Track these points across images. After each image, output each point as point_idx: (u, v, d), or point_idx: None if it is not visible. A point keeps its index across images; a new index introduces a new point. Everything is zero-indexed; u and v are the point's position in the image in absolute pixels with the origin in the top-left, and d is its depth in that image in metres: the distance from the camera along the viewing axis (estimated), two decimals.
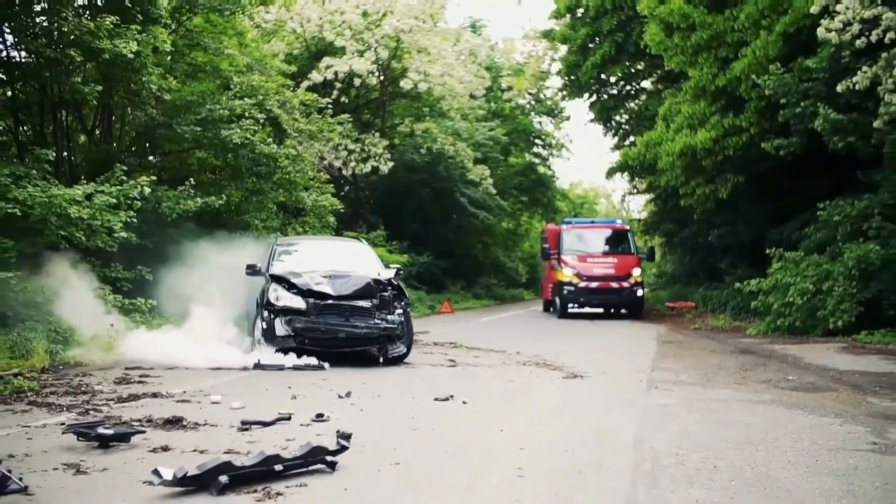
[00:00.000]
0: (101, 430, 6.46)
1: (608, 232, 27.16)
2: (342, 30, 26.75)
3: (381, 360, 12.21)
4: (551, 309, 27.81)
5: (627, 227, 27.46)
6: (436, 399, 8.97)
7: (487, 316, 27.44)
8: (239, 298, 14.04)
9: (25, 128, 16.09)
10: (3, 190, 11.56)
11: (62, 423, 7.20)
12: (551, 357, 13.36)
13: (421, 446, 6.77)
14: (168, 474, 5.17)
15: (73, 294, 12.58)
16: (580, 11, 30.87)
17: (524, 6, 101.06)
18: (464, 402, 8.85)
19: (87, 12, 13.17)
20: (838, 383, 10.94)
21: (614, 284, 24.68)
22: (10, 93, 15.67)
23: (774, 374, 11.80)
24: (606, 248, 26.20)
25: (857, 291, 16.67)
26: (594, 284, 24.57)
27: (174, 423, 7.34)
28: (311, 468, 5.71)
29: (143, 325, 13.36)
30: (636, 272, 25.17)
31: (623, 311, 25.70)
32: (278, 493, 5.20)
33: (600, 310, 26.51)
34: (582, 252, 25.53)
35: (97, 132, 17.03)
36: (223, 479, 5.20)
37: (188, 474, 5.17)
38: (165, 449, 6.34)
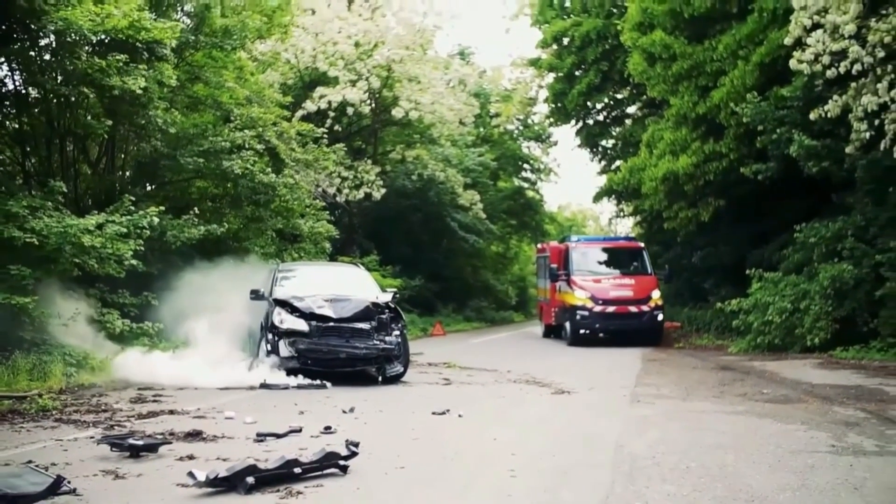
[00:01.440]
0: (132, 441, 7.14)
1: (621, 250, 24.56)
2: (335, 60, 27.48)
3: (380, 378, 12.91)
4: (558, 335, 25.24)
5: (641, 245, 24.53)
6: (433, 413, 9.67)
7: (478, 338, 28.01)
8: (242, 322, 14.69)
9: (33, 159, 16.73)
10: (22, 221, 12.23)
11: (91, 437, 7.89)
12: (541, 375, 14.05)
13: (422, 453, 7.47)
14: (201, 476, 5.86)
15: (85, 319, 13.31)
16: (566, 40, 31.79)
17: (512, 34, 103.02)
18: (459, 416, 9.55)
19: (99, 50, 13.80)
20: (809, 395, 11.66)
21: (633, 308, 21.94)
22: (17, 125, 16.33)
23: (751, 388, 12.51)
24: (621, 267, 23.59)
25: (833, 310, 17.41)
26: (611, 309, 21.88)
27: (195, 435, 8.00)
28: (325, 471, 6.40)
29: (151, 348, 13.97)
30: (656, 294, 22.35)
31: (642, 337, 22.12)
32: (299, 493, 5.89)
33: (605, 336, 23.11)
34: (595, 272, 23.04)
35: (101, 163, 17.68)
36: (250, 479, 5.89)
37: (219, 476, 5.87)
38: (191, 457, 7.01)
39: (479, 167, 37.21)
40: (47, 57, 14.57)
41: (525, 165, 46.25)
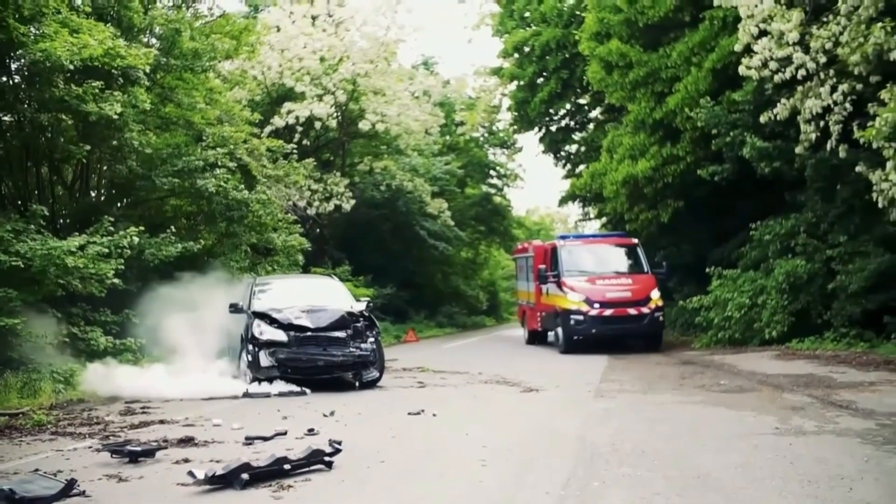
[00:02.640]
0: (130, 448, 7.69)
1: (615, 247, 22.56)
2: (301, 75, 28.03)
3: (357, 384, 13.51)
4: (543, 341, 24.04)
5: (635, 241, 22.35)
6: (409, 413, 10.29)
7: (451, 343, 28.59)
8: (220, 335, 15.20)
9: (9, 183, 17.10)
10: (6, 244, 12.69)
11: (90, 447, 8.44)
12: (510, 376, 14.70)
13: (400, 449, 8.08)
14: (200, 475, 6.45)
15: (69, 337, 13.79)
16: (527, 49, 32.55)
17: (474, 43, 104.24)
18: (434, 415, 10.18)
19: (75, 77, 14.24)
20: (762, 385, 12.41)
21: (632, 311, 19.90)
22: None
23: (709, 381, 13.24)
24: (616, 266, 21.64)
25: (788, 303, 18.20)
26: (608, 312, 19.80)
27: (187, 441, 8.56)
28: (312, 467, 6.99)
29: (134, 364, 14.45)
30: (655, 294, 20.37)
31: (642, 342, 20.73)
32: (289, 486, 6.48)
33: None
34: (587, 272, 21.02)
35: (76, 185, 18.09)
36: (244, 476, 6.48)
37: (216, 474, 6.46)
38: (186, 461, 7.57)
39: (446, 175, 37.84)
40: (23, 85, 14.94)
41: (492, 172, 46.92)
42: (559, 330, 20.94)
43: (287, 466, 6.81)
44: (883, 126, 12.91)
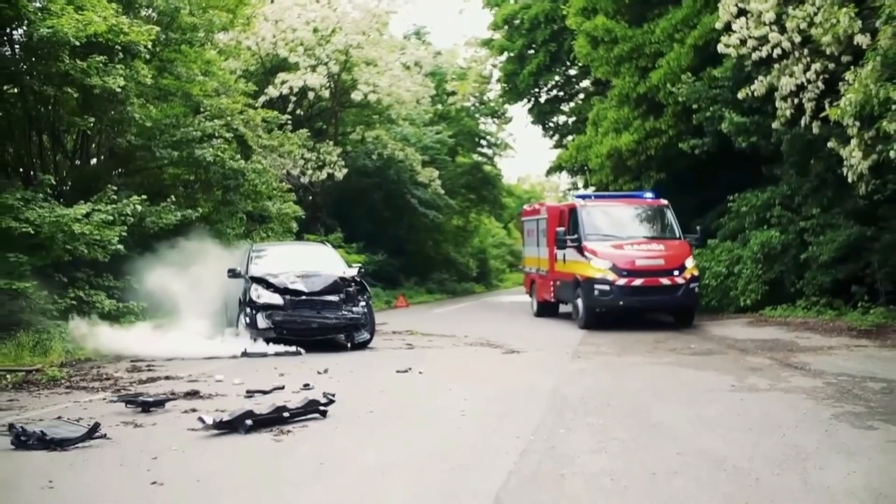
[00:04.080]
0: (143, 398, 8.46)
1: (642, 209, 20.03)
2: (295, 46, 28.60)
3: (349, 345, 14.34)
4: (555, 313, 22.23)
5: (665, 202, 19.88)
6: (397, 371, 11.10)
7: (440, 308, 29.37)
8: (218, 298, 15.98)
9: (10, 150, 17.68)
10: (16, 212, 13.39)
11: (104, 399, 9.21)
12: (494, 339, 15.53)
13: (388, 401, 8.88)
14: (209, 420, 7.22)
15: (76, 300, 14.53)
16: (516, 22, 33.11)
17: (466, 14, 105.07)
18: (420, 373, 10.99)
19: (79, 51, 14.82)
20: (730, 349, 13.25)
21: (665, 280, 17.54)
22: None
23: (681, 345, 14.06)
24: (644, 230, 19.35)
25: (763, 273, 18.99)
26: (638, 281, 17.46)
27: (192, 394, 9.34)
28: (309, 416, 7.76)
29: (136, 325, 15.19)
30: (690, 263, 18.15)
31: (674, 315, 18.67)
32: (288, 431, 7.26)
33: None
34: (614, 237, 18.64)
35: (77, 154, 18.71)
36: (248, 422, 7.25)
37: (223, 419, 7.23)
38: (193, 410, 8.33)
39: (437, 145, 38.43)
40: (32, 59, 15.49)
41: (482, 141, 47.53)
42: (579, 302, 18.53)
43: (286, 414, 7.58)
44: (847, 106, 13.60)
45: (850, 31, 14.13)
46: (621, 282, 17.44)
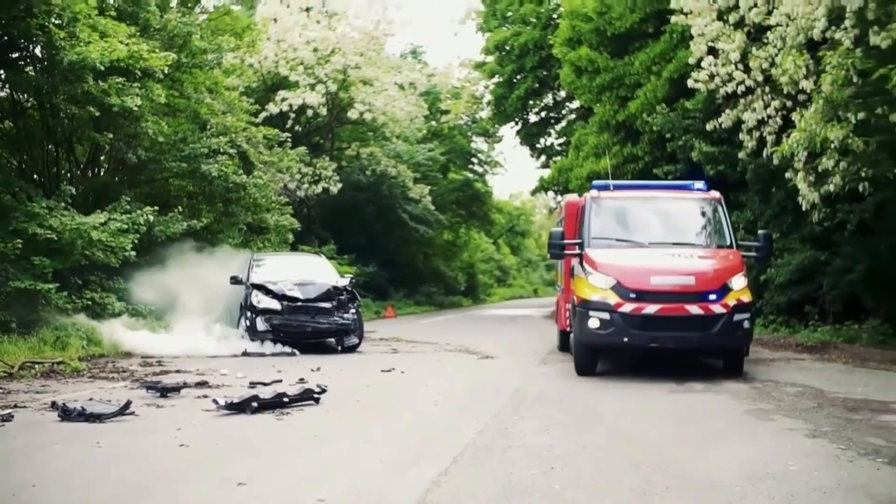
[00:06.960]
0: (162, 385, 9.87)
1: (679, 204, 13.99)
2: (295, 65, 30.09)
3: (339, 348, 15.85)
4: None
5: (717, 195, 14.11)
6: (382, 370, 12.55)
7: (427, 319, 30.79)
8: (220, 302, 17.36)
9: (26, 158, 18.98)
10: (41, 219, 14.77)
11: (125, 386, 10.60)
12: (473, 346, 16.95)
13: (373, 394, 10.30)
14: (222, 402, 8.61)
15: (90, 301, 15.92)
16: (507, 48, 34.67)
17: (460, 36, 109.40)
18: (402, 372, 12.42)
19: (101, 74, 16.20)
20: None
21: (694, 308, 11.65)
22: (16, 132, 18.68)
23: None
24: (678, 234, 13.27)
25: None
26: (652, 308, 11.64)
27: (202, 384, 10.76)
28: (305, 402, 9.15)
29: (147, 326, 16.57)
30: (738, 283, 12.06)
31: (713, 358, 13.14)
32: (288, 413, 8.65)
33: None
34: (632, 242, 12.96)
35: (89, 167, 20.07)
36: (254, 404, 8.63)
37: (233, 402, 8.62)
38: (205, 396, 9.71)
39: (428, 161, 39.88)
40: (60, 82, 16.79)
41: (474, 159, 48.95)
42: (574, 335, 12.73)
43: (286, 399, 8.97)
44: (794, 143, 15.04)
45: (796, 76, 15.56)
46: (627, 308, 11.68)
